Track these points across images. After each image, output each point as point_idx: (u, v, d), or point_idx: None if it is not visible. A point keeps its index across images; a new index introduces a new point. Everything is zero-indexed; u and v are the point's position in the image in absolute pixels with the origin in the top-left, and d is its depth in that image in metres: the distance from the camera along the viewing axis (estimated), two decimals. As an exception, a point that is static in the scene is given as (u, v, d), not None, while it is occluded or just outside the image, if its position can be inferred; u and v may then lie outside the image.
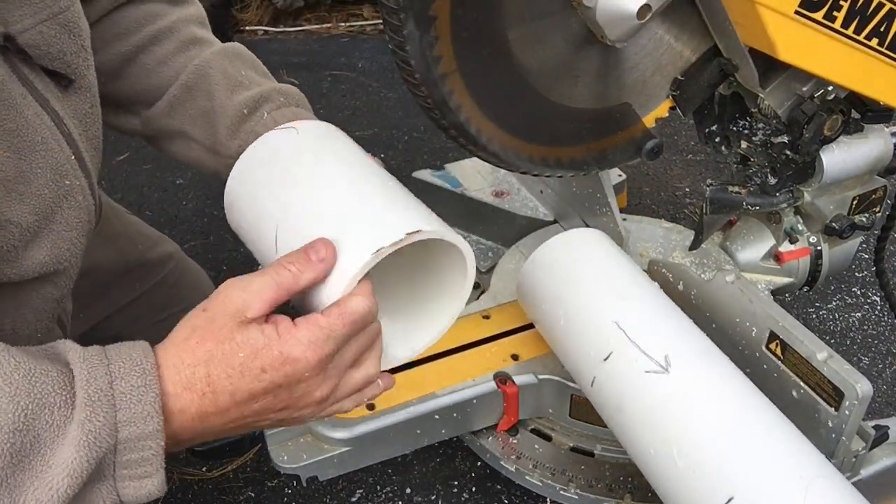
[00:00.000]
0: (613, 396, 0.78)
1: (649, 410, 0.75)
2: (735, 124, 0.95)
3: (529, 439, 0.98)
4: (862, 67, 0.82)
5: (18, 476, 0.49)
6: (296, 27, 2.57)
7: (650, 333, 0.79)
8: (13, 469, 0.49)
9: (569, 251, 0.91)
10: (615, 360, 0.79)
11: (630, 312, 0.81)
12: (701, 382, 0.75)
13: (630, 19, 0.72)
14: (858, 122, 0.95)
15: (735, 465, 0.68)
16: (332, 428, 0.86)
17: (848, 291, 1.42)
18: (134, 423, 0.52)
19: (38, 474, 0.49)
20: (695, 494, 0.69)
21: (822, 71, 0.81)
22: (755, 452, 0.69)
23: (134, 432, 0.52)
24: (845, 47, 0.79)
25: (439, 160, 1.78)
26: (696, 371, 0.76)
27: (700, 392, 0.74)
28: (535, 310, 0.93)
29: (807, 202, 0.99)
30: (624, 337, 0.79)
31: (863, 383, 0.77)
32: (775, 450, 0.69)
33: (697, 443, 0.71)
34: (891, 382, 1.25)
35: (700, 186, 1.69)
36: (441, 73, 0.69)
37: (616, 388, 0.78)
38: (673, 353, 0.76)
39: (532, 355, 0.97)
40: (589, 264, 0.89)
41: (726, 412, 0.72)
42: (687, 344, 0.79)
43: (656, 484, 0.76)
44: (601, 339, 0.81)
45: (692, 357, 0.77)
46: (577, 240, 0.92)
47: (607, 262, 0.89)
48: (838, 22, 0.76)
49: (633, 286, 0.85)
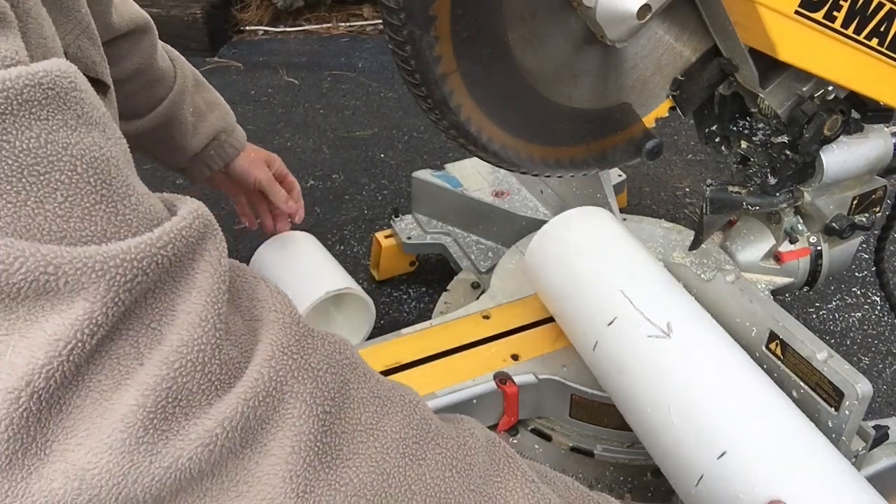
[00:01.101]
0: (615, 359, 0.82)
1: (649, 372, 0.78)
2: (735, 124, 0.95)
3: (529, 439, 0.98)
4: (862, 67, 0.82)
5: None
6: (296, 27, 2.57)
7: (654, 302, 0.83)
8: None
9: (579, 224, 0.95)
10: (619, 324, 0.82)
11: (635, 283, 0.86)
12: (700, 348, 0.79)
13: (630, 19, 0.72)
14: (858, 122, 0.95)
15: (729, 423, 0.71)
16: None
17: (848, 291, 1.42)
18: None
19: None
20: (689, 450, 0.73)
21: (822, 71, 0.81)
22: (749, 412, 0.73)
23: None
24: (845, 47, 0.79)
25: (439, 160, 1.78)
26: (697, 338, 0.80)
27: (699, 356, 0.78)
28: (544, 279, 0.96)
29: (807, 202, 0.99)
30: (629, 304, 0.83)
31: (863, 383, 0.77)
32: (769, 411, 0.73)
33: (694, 401, 0.74)
34: (891, 382, 1.25)
35: (700, 186, 1.69)
36: (441, 73, 0.69)
37: (618, 351, 0.82)
38: (675, 320, 0.80)
39: (532, 355, 0.97)
40: (598, 238, 0.93)
41: (723, 375, 0.76)
42: (688, 314, 0.83)
43: (652, 442, 0.79)
44: (606, 305, 0.85)
45: (693, 326, 0.81)
46: (587, 214, 0.97)
47: (615, 237, 0.93)
48: (838, 22, 0.76)
49: (638, 260, 0.90)
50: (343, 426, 0.45)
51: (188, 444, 0.40)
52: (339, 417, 0.45)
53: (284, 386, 0.44)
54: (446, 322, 1.02)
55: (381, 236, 1.37)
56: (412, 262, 1.42)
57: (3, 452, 0.38)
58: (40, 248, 0.38)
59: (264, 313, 0.46)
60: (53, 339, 0.38)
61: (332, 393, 0.46)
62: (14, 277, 0.37)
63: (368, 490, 0.45)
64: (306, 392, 0.44)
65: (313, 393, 0.44)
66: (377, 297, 1.40)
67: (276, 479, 0.42)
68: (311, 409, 0.44)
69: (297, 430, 0.43)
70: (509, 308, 1.05)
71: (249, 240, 1.51)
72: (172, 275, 0.42)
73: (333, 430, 0.45)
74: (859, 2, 0.76)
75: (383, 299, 1.40)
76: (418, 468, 0.47)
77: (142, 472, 0.39)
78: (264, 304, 0.47)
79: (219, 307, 0.42)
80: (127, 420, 0.39)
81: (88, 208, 0.40)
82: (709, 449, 0.71)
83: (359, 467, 0.45)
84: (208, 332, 0.42)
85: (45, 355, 0.38)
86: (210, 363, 0.41)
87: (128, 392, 0.40)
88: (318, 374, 0.45)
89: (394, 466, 0.46)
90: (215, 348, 0.42)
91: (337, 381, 0.46)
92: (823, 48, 0.78)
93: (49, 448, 0.39)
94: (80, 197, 0.40)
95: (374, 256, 1.41)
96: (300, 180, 1.67)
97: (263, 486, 0.42)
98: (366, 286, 1.43)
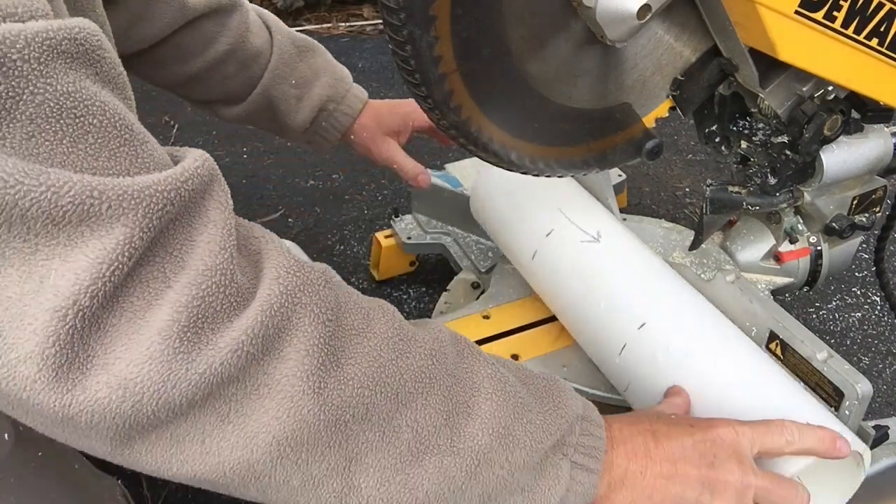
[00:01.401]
0: (552, 262, 0.95)
1: (582, 268, 0.92)
2: (735, 124, 0.95)
3: (529, 439, 0.98)
4: (862, 67, 0.82)
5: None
6: (296, 27, 2.57)
7: (585, 217, 0.96)
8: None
9: None
10: (556, 235, 0.96)
11: (569, 203, 0.99)
12: (625, 249, 0.93)
13: (630, 19, 0.72)
14: (858, 122, 0.95)
15: (648, 301, 0.85)
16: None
17: (848, 291, 1.42)
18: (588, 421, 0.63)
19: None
20: (614, 325, 0.86)
21: (823, 71, 0.81)
22: (665, 294, 0.86)
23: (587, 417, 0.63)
24: (845, 47, 0.79)
25: (439, 160, 1.78)
26: (621, 241, 0.94)
27: (624, 255, 0.92)
28: (489, 209, 1.08)
29: (807, 202, 0.99)
30: (565, 218, 0.96)
31: (863, 383, 0.77)
32: (682, 296, 0.87)
33: (619, 287, 0.88)
34: (891, 382, 1.25)
35: (700, 186, 1.69)
36: (441, 73, 0.69)
37: (555, 255, 0.95)
38: (603, 230, 0.94)
39: (532, 355, 0.97)
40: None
41: (644, 268, 0.90)
42: (614, 227, 0.96)
43: (581, 328, 0.92)
44: (544, 219, 0.98)
45: (621, 235, 0.95)
46: None
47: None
48: (838, 22, 0.76)
49: (572, 188, 1.03)
50: (342, 331, 0.52)
51: (218, 351, 0.45)
52: (338, 325, 0.52)
53: (294, 299, 0.49)
54: (446, 322, 1.02)
55: (381, 236, 1.37)
56: (412, 262, 1.42)
57: (51, 366, 0.42)
58: (84, 177, 0.42)
59: (262, 246, 0.52)
60: (96, 262, 0.42)
61: (331, 304, 0.52)
62: (62, 200, 0.41)
63: (369, 381, 0.52)
64: (312, 304, 0.50)
65: (318, 304, 0.51)
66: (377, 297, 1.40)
67: (294, 379, 0.48)
68: (317, 318, 0.50)
69: (308, 336, 0.49)
70: (509, 308, 1.05)
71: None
72: (190, 209, 0.47)
73: (336, 334, 0.51)
74: (859, 2, 0.76)
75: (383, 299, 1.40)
76: (406, 360, 0.55)
77: (179, 378, 0.44)
78: (261, 240, 0.53)
79: (232, 238, 0.48)
80: (164, 333, 0.44)
81: (115, 150, 0.45)
82: (630, 323, 0.84)
83: (359, 364, 0.52)
84: (227, 259, 0.47)
85: (90, 276, 0.42)
86: (230, 285, 0.47)
87: (161, 310, 0.44)
88: (318, 289, 0.51)
89: (386, 360, 0.53)
90: (233, 273, 0.47)
91: (331, 295, 0.53)
92: (824, 48, 0.78)
93: (91, 363, 0.43)
94: (108, 140, 0.45)
95: (374, 256, 1.41)
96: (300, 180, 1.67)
97: (283, 388, 0.48)
98: (366, 286, 1.43)
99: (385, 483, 0.52)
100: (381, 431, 0.52)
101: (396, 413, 0.53)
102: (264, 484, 0.50)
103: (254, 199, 1.64)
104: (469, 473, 0.55)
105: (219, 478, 0.49)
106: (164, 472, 0.48)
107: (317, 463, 0.50)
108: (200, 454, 0.47)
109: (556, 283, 0.95)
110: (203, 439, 0.47)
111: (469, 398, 0.56)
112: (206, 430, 0.47)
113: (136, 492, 1.07)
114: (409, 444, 0.53)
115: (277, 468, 0.49)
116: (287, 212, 1.61)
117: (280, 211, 1.61)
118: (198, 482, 0.49)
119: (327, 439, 0.50)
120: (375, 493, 0.52)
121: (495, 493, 0.57)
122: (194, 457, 0.47)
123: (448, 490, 0.54)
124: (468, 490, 0.55)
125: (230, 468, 0.48)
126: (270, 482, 0.50)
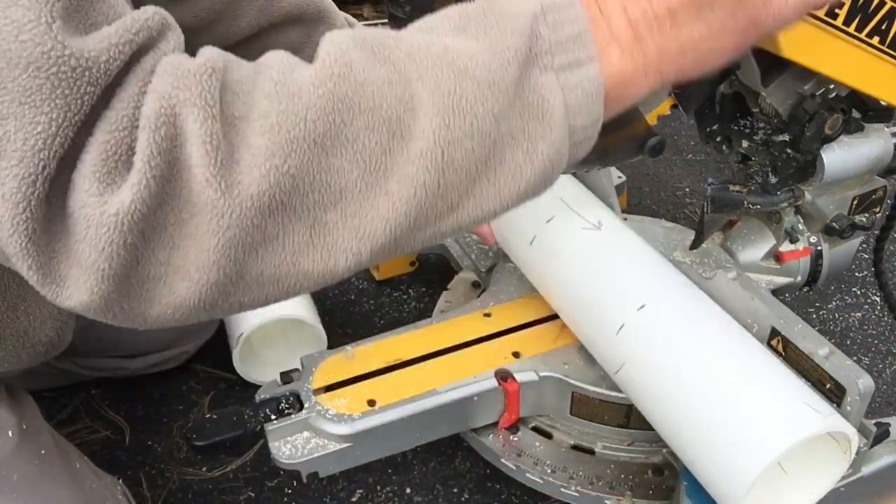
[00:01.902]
0: (551, 246, 0.97)
1: (582, 251, 0.94)
2: (736, 123, 0.95)
3: (530, 437, 0.98)
4: (863, 66, 0.82)
5: None
6: (296, 29, 2.57)
7: (586, 206, 0.99)
8: None
9: None
10: (556, 221, 0.98)
11: (570, 192, 1.02)
12: (629, 240, 0.95)
13: None
14: (859, 121, 0.95)
15: (649, 284, 0.88)
16: (333, 423, 0.86)
17: (848, 291, 1.43)
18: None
19: None
20: (613, 305, 0.87)
21: (825, 68, 0.81)
22: (661, 278, 0.89)
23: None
24: (847, 45, 0.79)
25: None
26: (625, 233, 0.96)
27: (627, 243, 0.94)
28: None
29: (807, 202, 0.99)
30: (565, 206, 0.99)
31: (864, 379, 0.77)
32: (677, 283, 0.89)
33: (621, 268, 0.91)
34: (891, 382, 1.25)
35: (700, 186, 1.69)
36: None
37: (555, 241, 0.97)
38: (604, 219, 0.96)
39: (533, 353, 0.97)
40: None
41: (643, 256, 0.93)
42: (616, 219, 0.99)
43: (576, 309, 0.93)
44: (545, 206, 0.99)
45: (622, 227, 0.98)
46: None
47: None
48: (840, 19, 0.76)
49: (573, 181, 1.07)
50: (233, 118, 0.47)
51: (127, 190, 0.46)
52: (226, 111, 0.48)
53: (171, 106, 0.46)
54: (448, 319, 1.02)
55: (382, 236, 1.37)
56: (412, 262, 1.42)
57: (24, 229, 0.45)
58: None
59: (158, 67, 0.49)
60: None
61: (214, 93, 0.47)
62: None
63: (280, 150, 0.47)
64: (193, 100, 0.47)
65: (200, 97, 0.47)
66: (377, 297, 1.40)
67: (201, 186, 0.46)
68: (204, 113, 0.46)
69: (198, 136, 0.46)
70: (510, 306, 1.05)
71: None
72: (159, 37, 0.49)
73: (227, 122, 0.47)
74: (861, 0, 0.77)
75: (383, 299, 1.40)
76: (309, 100, 0.48)
77: (100, 221, 0.45)
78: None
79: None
80: (84, 182, 0.46)
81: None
82: (630, 304, 0.85)
83: (261, 141, 0.47)
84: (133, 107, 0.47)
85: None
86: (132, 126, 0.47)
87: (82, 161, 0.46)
88: (198, 81, 0.47)
89: (288, 121, 0.47)
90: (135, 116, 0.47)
91: (215, 83, 0.47)
92: (826, 46, 0.78)
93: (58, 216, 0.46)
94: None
95: (375, 256, 1.41)
96: (301, 180, 1.67)
97: (200, 202, 0.46)
98: (366, 286, 1.43)
99: (355, 233, 0.48)
100: (321, 189, 0.47)
101: (327, 162, 0.47)
102: (223, 308, 0.49)
103: (254, 199, 1.64)
104: (439, 169, 0.48)
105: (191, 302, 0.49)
106: (139, 318, 0.49)
107: (270, 255, 0.48)
108: (168, 294, 0.48)
109: (556, 268, 0.96)
110: (162, 279, 0.47)
111: (402, 109, 0.48)
112: (155, 272, 0.47)
113: (136, 491, 1.07)
114: (357, 183, 0.48)
115: (237, 284, 0.48)
116: (287, 212, 1.61)
117: (280, 211, 1.61)
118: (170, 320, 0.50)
119: (270, 225, 0.47)
120: (350, 243, 0.49)
121: (482, 165, 0.50)
122: (160, 298, 0.48)
123: (429, 192, 0.49)
124: (450, 177, 0.49)
125: (193, 296, 0.48)
126: (232, 295, 0.49)
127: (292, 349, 1.19)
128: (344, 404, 0.88)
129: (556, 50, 0.50)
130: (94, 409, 1.20)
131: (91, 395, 1.22)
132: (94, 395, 1.22)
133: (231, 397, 1.22)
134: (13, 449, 0.79)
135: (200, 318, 0.51)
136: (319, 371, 0.93)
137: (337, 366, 0.94)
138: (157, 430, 1.17)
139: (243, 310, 0.52)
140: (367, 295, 1.41)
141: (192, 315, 0.50)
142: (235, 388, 1.22)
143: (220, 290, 0.48)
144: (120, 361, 1.19)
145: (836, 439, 0.73)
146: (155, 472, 1.11)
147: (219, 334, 1.23)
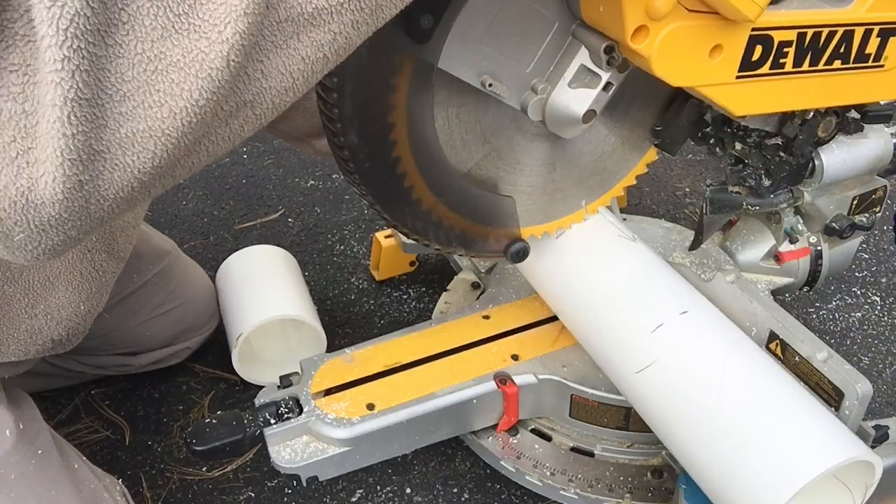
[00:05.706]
0: (584, 243, 0.94)
1: (624, 253, 0.92)
2: (729, 126, 0.95)
3: (530, 439, 0.98)
4: (831, 88, 0.79)
5: None
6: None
7: (621, 225, 0.96)
8: None
9: None
10: (590, 223, 0.94)
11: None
12: (653, 260, 0.92)
13: (578, 123, 0.74)
14: (858, 122, 0.95)
15: (692, 293, 0.87)
16: (333, 427, 0.86)
17: (848, 291, 1.42)
18: None
19: None
20: (653, 303, 0.86)
21: (789, 106, 0.79)
22: (686, 295, 0.87)
23: None
24: (806, 80, 0.76)
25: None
26: (649, 253, 0.94)
27: (648, 263, 0.92)
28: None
29: (807, 202, 0.99)
30: (602, 216, 0.96)
31: (862, 383, 0.77)
32: (699, 300, 0.88)
33: (664, 276, 0.89)
34: (891, 382, 1.25)
35: (700, 186, 1.69)
36: None
37: (587, 242, 0.94)
38: (639, 235, 0.95)
39: (532, 355, 0.97)
40: None
41: (671, 278, 0.90)
42: (644, 252, 0.95)
43: (599, 329, 0.89)
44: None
45: (647, 246, 0.95)
46: None
47: None
48: (788, 66, 0.74)
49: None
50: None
51: None
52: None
53: None
54: (446, 322, 1.02)
55: (381, 236, 1.37)
56: (412, 262, 1.42)
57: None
58: None
59: None
60: None
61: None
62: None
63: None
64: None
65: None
66: (377, 297, 1.40)
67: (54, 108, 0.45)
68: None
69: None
70: (509, 308, 1.05)
71: (249, 240, 1.51)
72: None
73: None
74: (806, 41, 0.73)
75: (383, 299, 1.40)
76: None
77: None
78: None
79: None
80: None
81: None
82: (674, 306, 0.85)
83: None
84: None
85: None
86: None
87: None
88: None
89: None
90: None
91: None
92: (781, 90, 0.75)
93: None
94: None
95: (374, 256, 1.41)
96: (300, 180, 1.67)
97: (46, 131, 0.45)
98: (366, 286, 1.43)
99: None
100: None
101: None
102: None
103: (254, 199, 1.64)
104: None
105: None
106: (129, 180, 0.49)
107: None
108: (122, 167, 0.48)
109: (583, 260, 0.93)
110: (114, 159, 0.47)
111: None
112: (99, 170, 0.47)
113: (136, 491, 1.07)
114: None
115: (182, 162, 0.49)
116: (287, 212, 1.61)
117: (280, 211, 1.61)
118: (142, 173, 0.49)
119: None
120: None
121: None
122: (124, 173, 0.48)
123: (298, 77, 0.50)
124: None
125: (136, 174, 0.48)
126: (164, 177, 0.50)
127: (292, 349, 1.19)
128: (343, 408, 0.89)
129: None
130: (94, 409, 1.20)
131: (91, 395, 1.22)
132: (94, 395, 1.22)
133: (231, 397, 1.22)
134: (10, 449, 0.80)
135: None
136: (318, 375, 0.93)
137: (336, 369, 0.94)
138: (157, 430, 1.18)
139: None
140: (367, 295, 1.41)
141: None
142: (235, 389, 1.22)
143: None
144: (123, 359, 1.19)
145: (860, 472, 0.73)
146: (155, 472, 1.11)
147: (219, 334, 1.23)
